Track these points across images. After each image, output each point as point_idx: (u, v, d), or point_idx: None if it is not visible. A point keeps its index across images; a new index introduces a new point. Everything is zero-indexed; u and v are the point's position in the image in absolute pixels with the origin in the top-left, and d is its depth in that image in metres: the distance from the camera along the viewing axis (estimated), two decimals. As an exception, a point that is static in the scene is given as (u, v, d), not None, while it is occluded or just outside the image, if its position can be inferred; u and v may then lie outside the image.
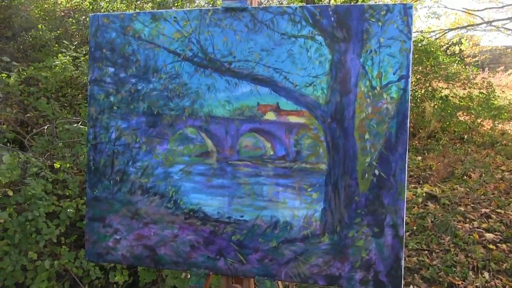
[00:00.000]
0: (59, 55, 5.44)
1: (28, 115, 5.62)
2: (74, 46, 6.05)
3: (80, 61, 5.71)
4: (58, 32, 7.76)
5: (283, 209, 2.05)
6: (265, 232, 2.06)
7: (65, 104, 6.12)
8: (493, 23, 17.42)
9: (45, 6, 8.32)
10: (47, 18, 8.13)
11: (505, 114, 11.97)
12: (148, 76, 2.17)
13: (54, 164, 4.15)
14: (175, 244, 2.16)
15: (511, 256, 4.98)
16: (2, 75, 5.30)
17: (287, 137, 2.03)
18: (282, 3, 14.31)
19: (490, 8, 17.57)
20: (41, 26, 7.74)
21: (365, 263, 1.99)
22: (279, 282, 2.20)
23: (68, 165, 4.19)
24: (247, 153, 2.09)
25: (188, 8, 2.18)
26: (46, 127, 4.71)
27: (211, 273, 2.15)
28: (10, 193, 3.44)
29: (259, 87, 2.04)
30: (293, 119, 2.02)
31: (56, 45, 7.21)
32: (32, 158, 3.90)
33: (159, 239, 2.18)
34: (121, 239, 2.23)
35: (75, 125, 4.46)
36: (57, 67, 5.35)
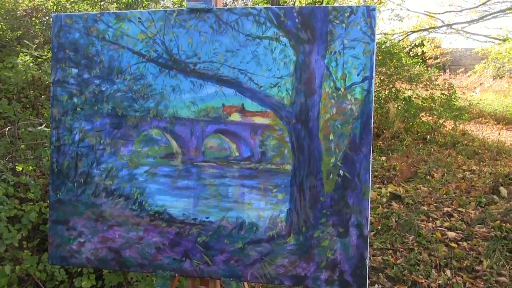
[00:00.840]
0: (21, 54, 5.33)
1: (-11, 116, 5.49)
2: (36, 45, 5.93)
3: (43, 62, 5.61)
4: (20, 32, 7.60)
5: (248, 210, 2.05)
6: (230, 233, 2.06)
7: (28, 106, 6.00)
8: (453, 26, 17.82)
9: (6, 5, 8.14)
10: (7, 17, 7.95)
11: (466, 115, 12.25)
12: (112, 77, 2.14)
13: (16, 167, 4.06)
14: (140, 246, 2.14)
15: (472, 254, 5.10)
16: (-39, 75, 5.18)
17: (252, 138, 2.04)
18: (247, 5, 14.33)
19: (450, 12, 17.98)
20: (1, 25, 7.57)
21: (331, 263, 2.00)
22: (245, 283, 2.20)
23: (30, 167, 4.10)
24: (212, 154, 2.09)
25: (153, 9, 2.17)
26: (7, 128, 4.61)
27: (177, 275, 2.14)
28: (-30, 196, 3.36)
29: (224, 88, 2.04)
30: (258, 120, 2.03)
31: (18, 45, 7.07)
32: (-8, 160, 3.82)
33: (124, 241, 2.16)
34: (85, 242, 2.20)
35: (39, 127, 4.38)
36: (19, 66, 5.24)
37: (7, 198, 3.52)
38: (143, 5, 9.66)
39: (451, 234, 5.57)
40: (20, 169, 4.05)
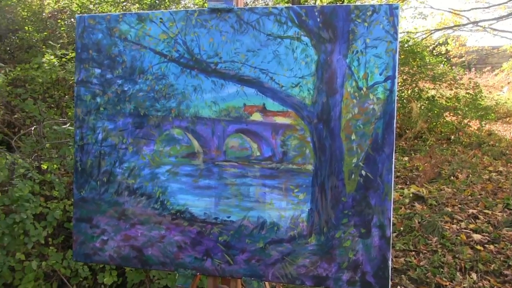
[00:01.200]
0: (46, 55, 5.41)
1: (16, 116, 5.58)
2: (59, 45, 6.01)
3: (67, 62, 5.68)
4: (45, 33, 7.71)
5: (270, 210, 2.05)
6: (252, 233, 2.06)
7: (52, 105, 6.08)
8: (479, 23, 17.52)
9: (33, 7, 8.27)
10: (33, 19, 8.08)
11: (492, 114, 12.06)
12: (135, 77, 2.16)
13: (42, 165, 4.12)
14: (162, 245, 2.16)
15: (499, 257, 5.00)
16: (-11, 76, 5.26)
17: (274, 138, 2.04)
18: (268, 4, 14.31)
19: (476, 9, 17.67)
20: (28, 27, 7.69)
21: (352, 263, 1.99)
22: (266, 283, 2.20)
23: (55, 166, 4.16)
24: (234, 153, 2.09)
25: (174, 9, 2.18)
26: (33, 128, 4.68)
27: (198, 273, 2.15)
28: (-3, 194, 3.42)
29: (245, 88, 2.04)
30: (279, 119, 2.03)
31: (43, 46, 7.17)
32: (19, 159, 3.88)
33: (146, 239, 2.17)
34: (108, 240, 2.22)
35: (63, 126, 4.43)
36: (45, 65, 5.31)
37: (33, 196, 3.58)
38: (165, 5, 9.72)
39: (477, 237, 5.47)
40: (45, 167, 4.11)
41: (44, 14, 8.40)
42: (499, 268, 4.77)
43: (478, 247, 5.24)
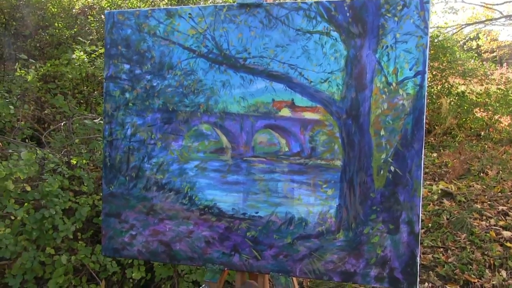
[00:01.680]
0: (76, 51, 5.48)
1: (46, 112, 5.67)
2: (89, 42, 6.08)
3: (96, 58, 5.75)
4: (75, 30, 7.82)
5: (298, 205, 2.04)
6: (280, 228, 2.06)
7: (81, 101, 6.17)
8: (512, 17, 17.17)
9: (63, 3, 8.38)
10: (63, 15, 8.19)
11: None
12: (163, 73, 2.17)
13: (71, 160, 4.18)
14: (190, 240, 2.17)
15: (529, 254, 4.93)
16: (21, 72, 5.35)
17: (302, 133, 2.03)
18: (297, -1, 14.24)
19: (510, 2, 17.30)
20: (58, 23, 7.80)
21: (380, 259, 1.98)
22: (294, 278, 2.20)
23: (84, 161, 4.22)
24: (262, 149, 2.09)
25: (203, 5, 2.19)
26: (63, 123, 4.75)
27: (226, 269, 2.16)
28: (28, 188, 3.48)
29: (274, 83, 2.04)
30: (308, 115, 2.02)
31: (73, 42, 7.27)
32: (49, 154, 3.93)
33: (174, 234, 2.19)
34: (137, 235, 2.25)
35: (93, 121, 4.49)
36: (75, 60, 5.38)
37: (62, 191, 3.63)
38: (194, 1, 9.76)
39: (507, 234, 5.38)
40: (75, 162, 4.17)
41: (74, 10, 8.51)
42: (529, 265, 4.69)
43: (508, 244, 5.15)
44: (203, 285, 2.16)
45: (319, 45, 1.99)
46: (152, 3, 8.98)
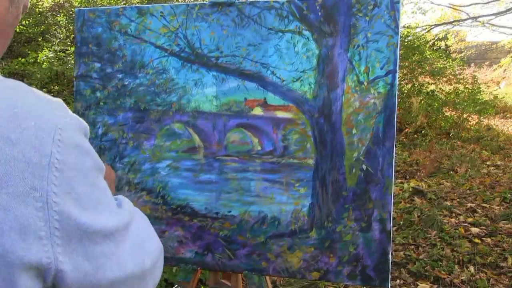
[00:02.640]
0: (44, 49, 5.39)
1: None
2: (59, 40, 5.99)
3: (66, 56, 5.67)
4: (43, 27, 7.69)
5: (270, 204, 2.05)
6: (253, 227, 2.06)
7: (51, 100, 6.06)
8: (478, 19, 17.50)
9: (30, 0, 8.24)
10: (32, 12, 8.06)
11: (491, 109, 12.06)
12: (135, 72, 2.15)
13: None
14: (163, 240, 2.15)
15: (496, 250, 5.03)
16: (-14, 70, 5.25)
17: (275, 132, 2.03)
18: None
19: (476, 4, 17.63)
20: (26, 20, 7.66)
21: (353, 257, 1.99)
22: (267, 277, 2.20)
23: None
24: (235, 148, 2.09)
25: (175, 3, 2.17)
26: (31, 123, 4.66)
27: (199, 268, 2.15)
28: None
29: (247, 82, 2.04)
30: (280, 114, 2.02)
31: (42, 40, 7.15)
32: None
33: (146, 235, 2.17)
34: (108, 235, 2.22)
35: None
36: (43, 62, 5.30)
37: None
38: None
39: (475, 230, 5.50)
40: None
41: (43, 7, 8.37)
42: (496, 260, 4.79)
43: (476, 240, 5.26)
44: (176, 285, 2.15)
45: (291, 44, 2.00)
46: (123, 1, 8.90)
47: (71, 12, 8.34)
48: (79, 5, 8.30)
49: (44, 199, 0.79)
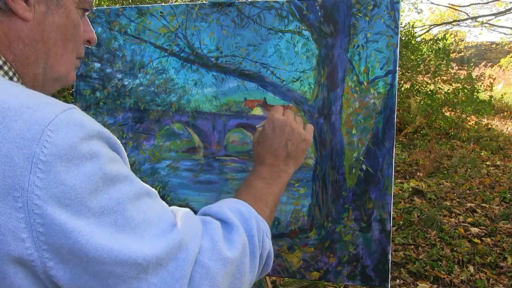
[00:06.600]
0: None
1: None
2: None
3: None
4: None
5: (270, 204, 2.04)
6: (252, 228, 2.06)
7: (51, 100, 6.05)
8: (478, 19, 17.51)
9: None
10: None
11: (489, 109, 12.06)
12: (135, 72, 2.15)
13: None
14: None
15: (495, 250, 5.03)
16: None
17: (275, 132, 2.03)
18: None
19: (475, 4, 17.65)
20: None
21: (353, 257, 1.99)
22: (267, 277, 2.20)
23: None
24: (234, 148, 2.08)
25: (174, 3, 2.17)
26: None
27: (198, 268, 2.14)
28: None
29: (246, 82, 2.04)
30: (280, 114, 2.02)
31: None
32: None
33: (146, 235, 2.17)
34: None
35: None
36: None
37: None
38: (164, -1, 9.68)
39: (475, 230, 5.50)
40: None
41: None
42: (495, 260, 4.80)
43: (476, 240, 5.26)
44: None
45: (291, 44, 2.00)
46: (122, 3, 8.88)
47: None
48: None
49: (24, 200, 0.76)
